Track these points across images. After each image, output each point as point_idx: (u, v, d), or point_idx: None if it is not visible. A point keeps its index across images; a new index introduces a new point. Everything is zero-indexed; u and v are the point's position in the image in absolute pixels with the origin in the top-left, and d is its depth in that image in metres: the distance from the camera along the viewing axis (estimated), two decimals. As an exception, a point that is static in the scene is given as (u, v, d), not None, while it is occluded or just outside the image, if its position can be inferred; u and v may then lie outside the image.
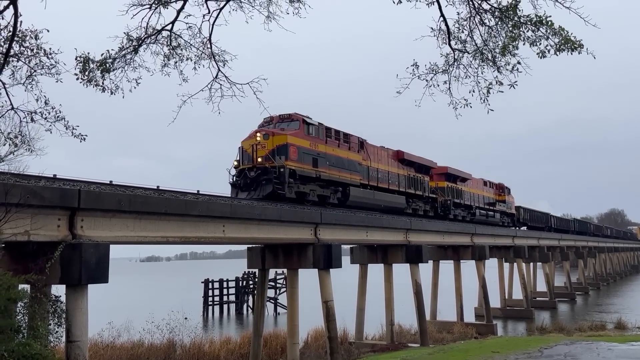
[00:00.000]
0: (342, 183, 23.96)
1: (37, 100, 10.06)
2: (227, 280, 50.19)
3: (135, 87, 10.58)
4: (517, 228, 50.97)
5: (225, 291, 50.00)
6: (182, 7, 8.57)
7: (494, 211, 44.63)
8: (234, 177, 20.95)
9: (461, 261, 35.49)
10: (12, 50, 8.16)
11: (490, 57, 8.47)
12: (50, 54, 9.19)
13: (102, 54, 9.01)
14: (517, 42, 8.03)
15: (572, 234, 68.93)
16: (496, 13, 8.15)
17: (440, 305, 35.14)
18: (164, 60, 9.06)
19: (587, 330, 29.49)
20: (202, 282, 49.47)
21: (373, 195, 26.35)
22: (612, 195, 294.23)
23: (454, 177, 37.70)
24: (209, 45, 9.05)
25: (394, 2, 8.38)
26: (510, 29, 8.03)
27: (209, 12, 8.89)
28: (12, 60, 8.72)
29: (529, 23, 7.82)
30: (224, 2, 8.78)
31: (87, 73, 9.22)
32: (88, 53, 8.90)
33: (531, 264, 53.88)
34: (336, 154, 23.90)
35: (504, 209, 47.55)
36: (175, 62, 9.09)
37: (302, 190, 21.34)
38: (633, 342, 17.79)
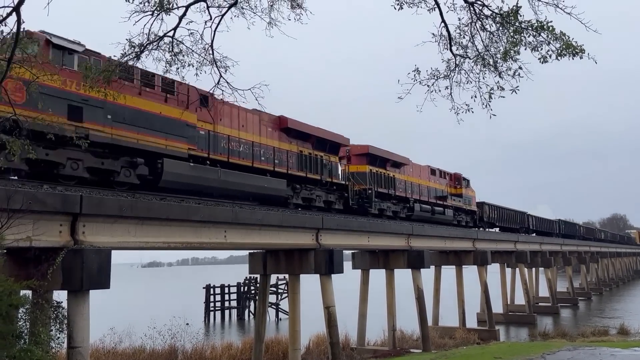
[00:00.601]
0: (149, 152, 15.63)
1: (39, 106, 10.10)
2: (229, 286, 50.09)
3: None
4: (482, 229, 42.01)
5: (227, 297, 49.88)
6: (184, 14, 8.60)
7: (444, 207, 35.58)
8: None
9: (463, 266, 35.39)
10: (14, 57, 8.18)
11: (491, 63, 8.48)
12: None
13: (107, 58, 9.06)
14: (518, 48, 8.03)
15: (556, 237, 60.17)
16: (497, 19, 8.17)
17: (442, 311, 35.04)
18: (165, 67, 9.08)
19: (589, 336, 29.43)
20: (203, 288, 49.40)
21: (218, 174, 17.85)
22: (615, 200, 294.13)
23: (382, 161, 29.19)
24: (210, 52, 9.08)
25: (395, 8, 8.42)
26: (512, 34, 8.04)
27: (210, 19, 8.92)
28: (15, 67, 8.75)
29: (530, 28, 7.83)
30: (226, 9, 8.82)
31: (89, 79, 9.27)
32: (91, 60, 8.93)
33: (533, 269, 53.76)
34: (134, 106, 15.20)
35: (459, 205, 38.37)
36: (177, 68, 9.12)
37: (40, 158, 12.57)
38: (636, 348, 17.71)
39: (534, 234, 54.30)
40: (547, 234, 57.41)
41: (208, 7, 8.84)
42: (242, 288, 49.81)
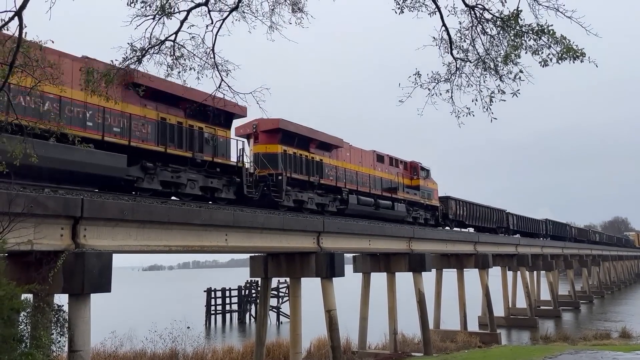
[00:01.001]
0: None
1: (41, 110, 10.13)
2: (230, 289, 50.10)
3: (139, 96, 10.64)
4: (447, 228, 36.31)
5: (227, 300, 49.89)
6: (186, 18, 8.63)
7: (393, 200, 29.33)
8: None
9: (464, 270, 35.36)
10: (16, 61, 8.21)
11: (492, 66, 8.49)
12: (55, 64, 9.25)
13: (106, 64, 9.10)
14: (519, 51, 8.05)
15: (543, 238, 54.75)
16: (498, 22, 8.19)
17: (444, 314, 35.00)
18: (167, 70, 9.11)
19: (591, 339, 29.36)
20: (204, 291, 49.41)
21: None
22: (616, 203, 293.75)
23: (303, 140, 23.41)
24: (212, 55, 9.11)
25: (396, 12, 8.44)
26: (512, 38, 8.06)
27: (212, 23, 8.96)
28: (17, 71, 8.78)
29: (531, 32, 7.85)
30: (227, 13, 8.85)
31: (91, 84, 9.30)
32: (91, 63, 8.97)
33: (535, 272, 53.67)
34: None
35: (415, 198, 31.96)
36: (179, 72, 9.14)
37: None
38: (638, 351, 17.68)
39: (517, 235, 48.50)
40: (531, 235, 51.71)
41: (209, 11, 8.87)
42: (243, 291, 49.80)
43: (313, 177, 23.53)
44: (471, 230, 40.01)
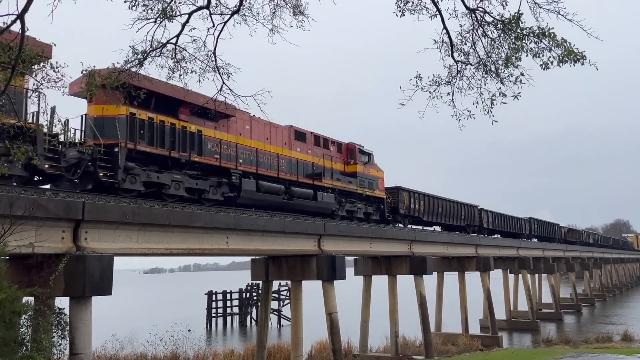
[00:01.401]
0: None
1: (43, 113, 10.16)
2: (231, 292, 50.05)
3: (141, 99, 10.68)
4: (399, 225, 29.95)
5: (228, 303, 49.85)
6: (187, 21, 8.65)
7: (315, 188, 23.27)
8: None
9: (466, 272, 35.32)
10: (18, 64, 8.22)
11: (493, 69, 8.50)
12: (57, 67, 9.26)
13: (107, 67, 9.12)
14: (519, 54, 8.05)
15: (527, 239, 49.72)
16: (499, 25, 8.20)
17: (445, 317, 34.94)
18: (168, 73, 9.14)
19: (593, 342, 29.29)
20: (205, 294, 49.37)
21: None
22: (618, 206, 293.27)
23: (166, 103, 17.14)
24: (213, 58, 9.13)
25: (397, 15, 8.46)
26: (513, 41, 8.06)
27: (213, 26, 8.98)
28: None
29: (532, 35, 7.85)
30: (228, 16, 8.87)
31: (92, 86, 9.31)
32: (94, 66, 8.99)
33: (536, 275, 53.55)
34: None
35: (350, 188, 25.84)
36: (180, 75, 9.17)
37: None
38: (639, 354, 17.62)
39: (497, 235, 43.64)
40: (512, 236, 46.02)
41: (211, 14, 8.90)
42: (244, 294, 49.76)
43: (182, 152, 17.45)
44: (437, 228, 35.03)
